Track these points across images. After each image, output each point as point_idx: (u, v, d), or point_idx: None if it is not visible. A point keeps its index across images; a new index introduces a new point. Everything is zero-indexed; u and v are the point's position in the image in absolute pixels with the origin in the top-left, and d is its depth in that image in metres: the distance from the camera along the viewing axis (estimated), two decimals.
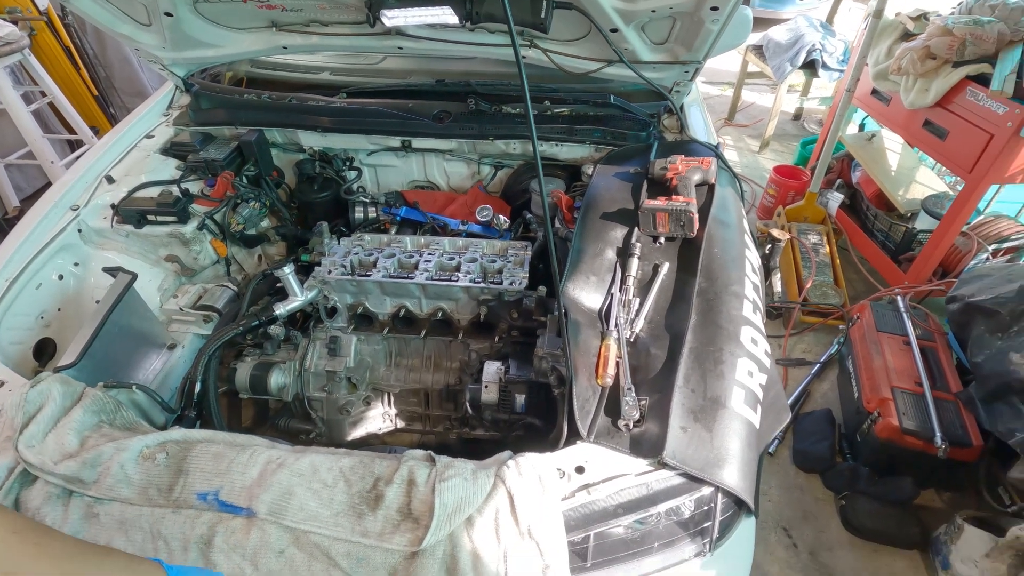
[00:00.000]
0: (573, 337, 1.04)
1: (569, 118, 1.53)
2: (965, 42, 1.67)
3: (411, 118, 1.52)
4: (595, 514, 0.89)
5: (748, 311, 1.09)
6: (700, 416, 0.94)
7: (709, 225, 1.21)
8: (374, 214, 1.55)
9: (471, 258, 1.29)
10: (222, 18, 1.37)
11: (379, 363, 1.35)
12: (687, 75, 1.41)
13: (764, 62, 3.05)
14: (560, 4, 1.16)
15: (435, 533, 0.82)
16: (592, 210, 1.30)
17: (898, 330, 1.68)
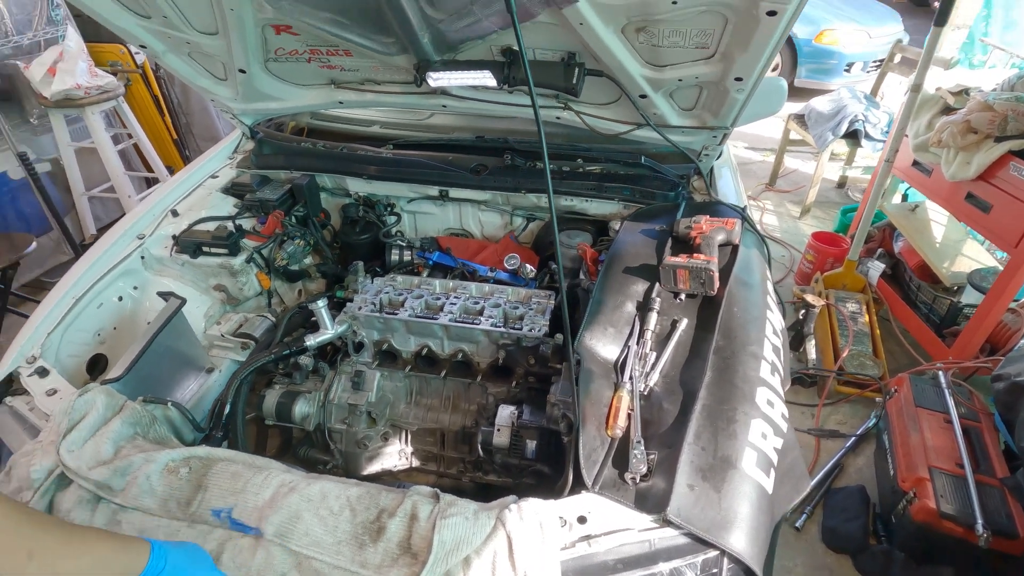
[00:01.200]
0: (585, 386, 1.05)
1: (600, 175, 1.59)
2: (1007, 118, 1.66)
3: (450, 170, 1.62)
4: (594, 567, 0.87)
5: (766, 372, 1.08)
6: (709, 475, 0.92)
7: (730, 284, 1.22)
8: (409, 257, 1.63)
9: (495, 303, 1.34)
10: (288, 75, 1.52)
11: (400, 400, 1.39)
12: (715, 140, 1.46)
13: (806, 130, 3.08)
14: (591, 72, 1.25)
15: (431, 571, 0.82)
16: (615, 264, 1.33)
17: (939, 407, 1.60)
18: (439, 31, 1.23)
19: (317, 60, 1.42)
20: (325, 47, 1.36)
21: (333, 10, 1.21)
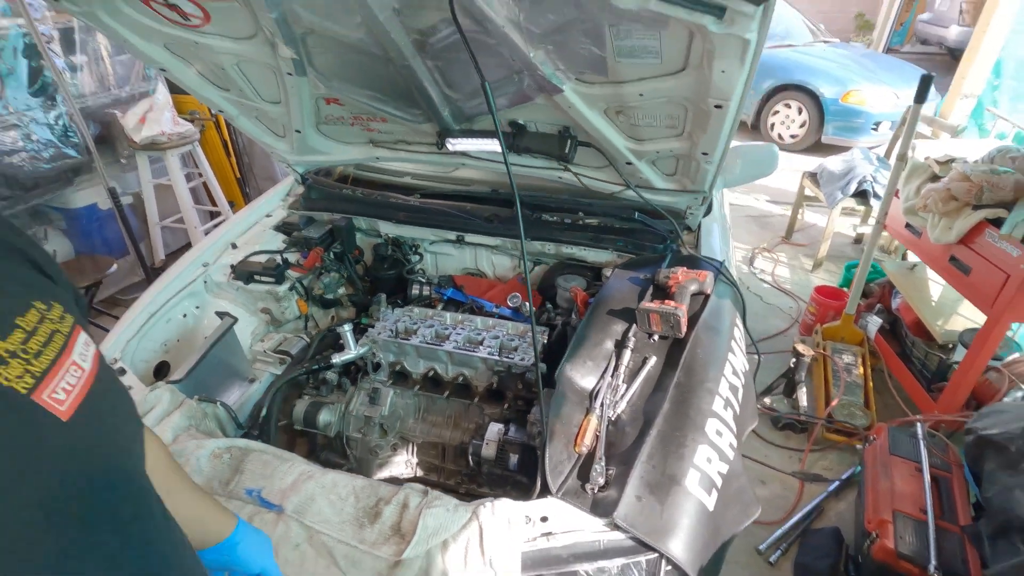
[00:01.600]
0: (558, 409, 1.24)
1: (597, 227, 1.79)
2: (983, 188, 1.80)
3: (468, 218, 1.86)
4: (550, 558, 1.05)
5: (718, 406, 1.24)
6: (655, 489, 1.08)
7: (697, 328, 1.39)
8: (427, 292, 1.86)
9: (495, 336, 1.55)
10: (335, 135, 1.81)
11: (408, 415, 1.60)
12: (697, 201, 1.65)
13: (819, 188, 3.22)
14: (582, 143, 1.47)
15: (414, 548, 1.02)
16: (601, 306, 1.52)
17: (912, 456, 1.69)
18: (457, 107, 1.49)
19: (359, 124, 1.70)
20: (366, 115, 1.64)
21: (372, 89, 1.49)
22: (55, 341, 0.39)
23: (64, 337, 0.40)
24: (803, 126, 5.35)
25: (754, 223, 3.95)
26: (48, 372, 0.38)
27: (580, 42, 1.06)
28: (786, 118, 5.44)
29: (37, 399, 0.37)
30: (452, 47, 1.21)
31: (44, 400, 0.38)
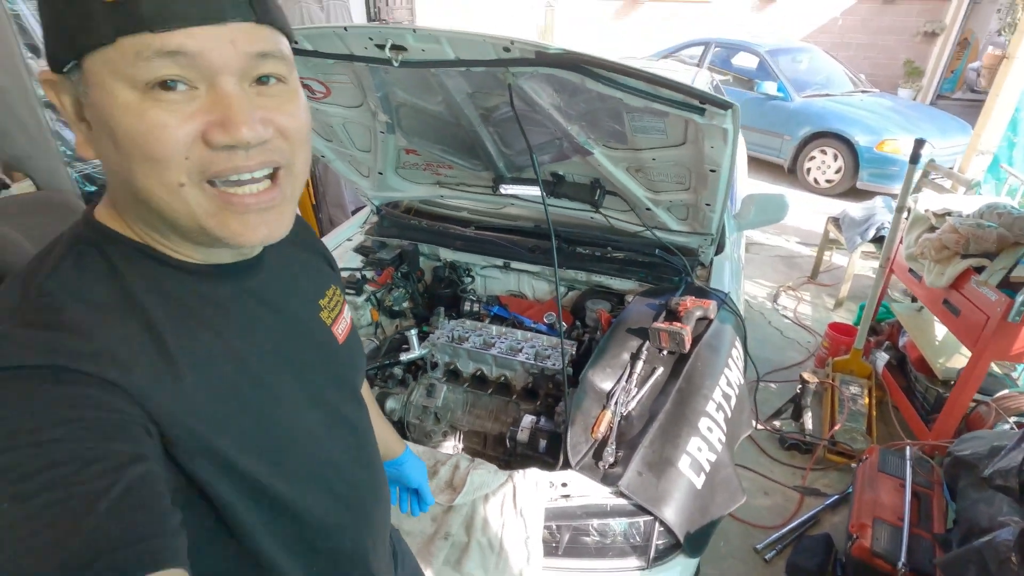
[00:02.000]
0: (580, 403, 1.55)
1: (623, 260, 2.11)
2: (968, 240, 2.03)
3: (513, 248, 2.21)
4: (567, 514, 1.35)
5: (711, 409, 1.53)
6: (653, 468, 1.38)
7: (700, 346, 1.68)
8: (477, 308, 2.22)
9: (531, 346, 1.88)
10: (409, 177, 2.22)
11: (458, 408, 1.93)
12: (707, 241, 1.95)
13: (840, 232, 3.44)
14: (609, 192, 1.82)
15: (463, 497, 1.35)
16: (621, 325, 1.83)
17: (897, 473, 1.90)
18: (509, 160, 1.86)
19: (430, 170, 2.10)
20: (436, 162, 2.04)
21: (444, 144, 1.89)
22: (338, 305, 0.73)
23: (340, 303, 0.74)
24: (838, 172, 5.54)
25: (782, 262, 4.16)
26: (336, 319, 0.71)
27: (605, 121, 1.41)
28: (822, 164, 5.64)
29: (333, 330, 0.70)
30: (509, 119, 1.58)
31: (334, 331, 0.69)
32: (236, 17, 0.43)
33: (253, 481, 0.52)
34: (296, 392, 0.61)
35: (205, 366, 0.50)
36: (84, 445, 0.38)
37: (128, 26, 0.40)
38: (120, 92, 0.42)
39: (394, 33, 1.17)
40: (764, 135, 6.07)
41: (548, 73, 1.23)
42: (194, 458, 0.47)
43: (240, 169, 0.46)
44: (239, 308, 0.56)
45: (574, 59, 1.10)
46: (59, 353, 0.41)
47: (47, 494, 0.36)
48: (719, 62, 6.60)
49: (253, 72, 0.46)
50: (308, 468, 0.61)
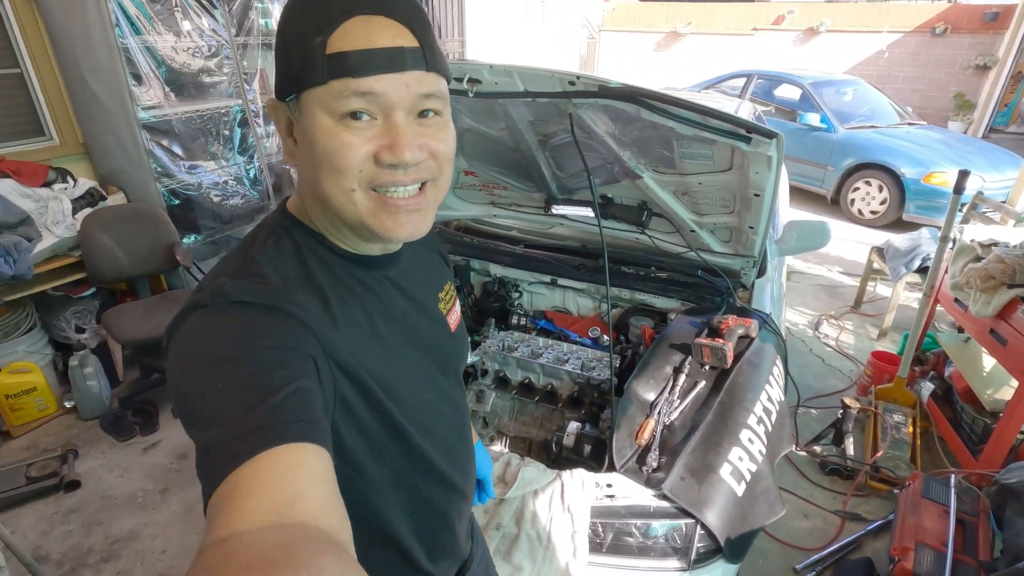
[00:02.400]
0: (624, 411, 1.64)
1: (666, 280, 2.20)
2: (1015, 270, 2.05)
3: (560, 265, 2.33)
4: (612, 513, 1.44)
5: (752, 422, 1.59)
6: (696, 473, 1.45)
7: (741, 363, 1.75)
8: (524, 322, 2.33)
9: (577, 357, 1.97)
10: (465, 197, 2.38)
11: (505, 414, 2.04)
12: (749, 264, 2.03)
13: (884, 262, 3.44)
14: (656, 214, 1.92)
15: (514, 491, 1.45)
16: (664, 340, 1.91)
17: (942, 500, 1.90)
18: (562, 182, 1.99)
19: (485, 190, 2.25)
20: (492, 184, 2.19)
21: (501, 167, 2.04)
22: (452, 298, 0.85)
23: (454, 297, 0.87)
24: (884, 203, 5.49)
25: (824, 291, 4.15)
26: (450, 310, 0.84)
27: (655, 148, 1.53)
28: (866, 195, 5.60)
29: (447, 319, 0.80)
30: (565, 145, 1.72)
31: (448, 320, 0.80)
32: (413, 67, 0.56)
33: (390, 415, 0.66)
34: (416, 366, 0.74)
35: (353, 325, 0.65)
36: (278, 355, 0.53)
37: (338, 73, 0.54)
38: (322, 119, 0.56)
39: (471, 68, 1.33)
40: (806, 165, 6.07)
41: (606, 104, 1.36)
42: (349, 382, 0.61)
43: (398, 183, 0.59)
44: (381, 290, 0.71)
45: (633, 92, 1.23)
46: (268, 297, 0.57)
47: (250, 379, 0.50)
48: (761, 93, 6.67)
49: (418, 108, 0.58)
50: (424, 425, 0.74)
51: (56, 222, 2.64)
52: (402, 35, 0.56)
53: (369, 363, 0.64)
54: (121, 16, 2.58)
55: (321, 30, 0.55)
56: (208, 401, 0.49)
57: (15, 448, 2.58)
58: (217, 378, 0.50)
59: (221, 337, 0.54)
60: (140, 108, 2.73)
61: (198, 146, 3.07)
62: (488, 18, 7.29)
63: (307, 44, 0.56)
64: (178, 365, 0.54)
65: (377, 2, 0.56)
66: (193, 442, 0.50)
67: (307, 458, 0.47)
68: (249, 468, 0.44)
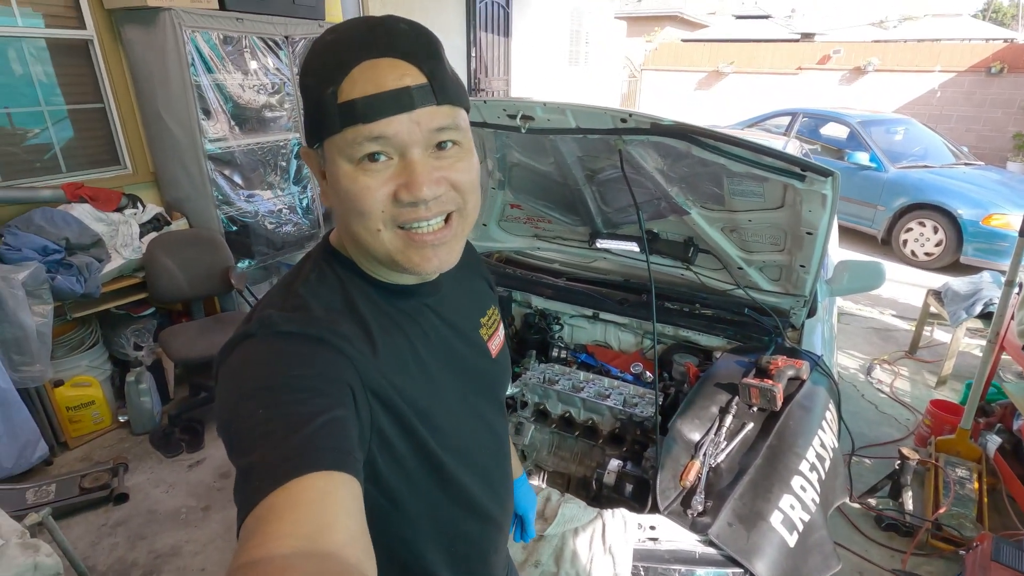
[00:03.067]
0: (669, 451, 1.60)
1: (711, 317, 2.16)
2: None
3: (603, 299, 2.32)
4: (655, 557, 1.39)
5: (804, 468, 1.53)
6: (744, 520, 1.40)
7: (791, 406, 1.69)
8: (564, 355, 2.32)
9: (619, 392, 1.94)
10: (509, 229, 2.41)
11: (544, 448, 2.01)
12: (799, 303, 1.98)
13: (942, 306, 3.29)
14: (702, 250, 1.91)
15: (554, 528, 1.42)
16: (710, 379, 1.87)
17: (1015, 564, 1.76)
18: (607, 217, 2.01)
19: (530, 223, 2.29)
20: (536, 217, 2.22)
21: (547, 200, 2.07)
22: (495, 324, 0.87)
23: (497, 323, 0.88)
24: (939, 245, 5.27)
25: (876, 335, 3.98)
26: (492, 336, 0.84)
27: (704, 184, 1.53)
28: (920, 236, 5.41)
29: (488, 345, 0.80)
30: (612, 180, 1.74)
31: (489, 346, 0.80)
32: (421, 104, 0.57)
33: (426, 446, 0.67)
34: (455, 392, 0.75)
35: (393, 353, 0.66)
36: (317, 383, 0.55)
37: (349, 120, 0.56)
38: (342, 164, 0.59)
39: (525, 106, 1.38)
40: (855, 204, 5.92)
41: (657, 141, 1.38)
42: (385, 411, 0.62)
43: (421, 218, 0.60)
44: (421, 318, 0.72)
45: (685, 129, 1.24)
46: (310, 328, 0.59)
47: (289, 406, 0.52)
48: (806, 132, 6.59)
49: (433, 141, 0.59)
50: (463, 454, 0.74)
51: (124, 244, 2.80)
52: (409, 73, 0.57)
53: (407, 390, 0.65)
54: (197, 56, 2.78)
55: (333, 80, 0.57)
56: (248, 428, 0.51)
57: (71, 459, 2.69)
58: (258, 405, 0.52)
59: (264, 365, 0.56)
60: (207, 140, 2.91)
61: (256, 176, 3.24)
62: (533, 58, 7.51)
63: (322, 95, 0.58)
64: (224, 391, 0.57)
65: (383, 44, 0.58)
66: (234, 467, 0.52)
67: (339, 488, 0.48)
68: (283, 494, 0.45)
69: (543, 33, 7.68)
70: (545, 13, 7.63)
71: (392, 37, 0.58)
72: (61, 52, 2.86)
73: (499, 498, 0.84)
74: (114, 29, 2.94)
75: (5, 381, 2.35)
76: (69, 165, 2.96)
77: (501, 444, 0.86)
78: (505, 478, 0.87)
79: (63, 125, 2.94)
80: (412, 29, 0.60)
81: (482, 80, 6.43)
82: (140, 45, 2.87)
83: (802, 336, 2.10)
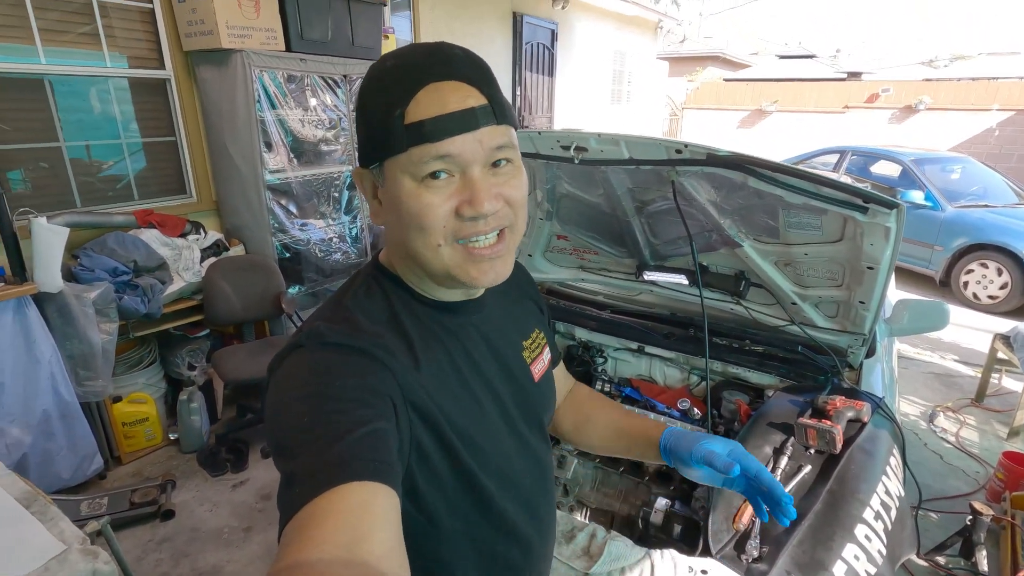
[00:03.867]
0: (720, 492, 1.53)
1: (762, 354, 2.10)
2: None
3: (648, 333, 2.29)
4: None
5: (869, 516, 1.44)
6: (803, 569, 1.32)
7: (853, 449, 1.61)
8: (608, 388, 2.28)
9: None
10: (554, 260, 2.42)
11: (587, 483, 1.96)
12: (857, 342, 1.89)
13: (1012, 352, 3.09)
14: (754, 284, 1.86)
15: (600, 567, 1.37)
16: (762, 418, 1.80)
17: None
18: (655, 249, 1.99)
19: (576, 254, 2.29)
20: (583, 248, 2.23)
21: (595, 232, 2.08)
22: (539, 346, 0.87)
23: (542, 345, 0.87)
24: (1004, 288, 5.00)
25: (938, 381, 3.77)
26: (535, 358, 0.84)
27: (759, 216, 1.51)
28: (982, 278, 5.14)
29: (531, 368, 0.80)
30: (662, 212, 1.74)
31: (532, 369, 0.80)
32: (484, 123, 0.60)
33: (465, 465, 0.67)
34: (496, 412, 0.75)
35: (435, 368, 0.67)
36: (361, 394, 0.56)
37: (415, 140, 0.59)
38: (405, 182, 0.61)
39: (579, 137, 1.40)
40: (910, 244, 5.70)
41: (711, 172, 1.37)
42: (425, 425, 0.63)
43: (480, 232, 0.62)
44: (463, 335, 0.73)
45: (742, 160, 1.24)
46: (356, 340, 0.61)
47: (333, 415, 0.54)
48: (856, 170, 6.44)
49: (491, 159, 0.62)
50: (503, 477, 0.73)
51: (186, 268, 2.95)
52: (471, 95, 0.60)
53: (447, 407, 0.66)
54: (263, 93, 2.96)
55: (399, 102, 0.59)
56: (293, 434, 0.53)
57: (123, 473, 2.78)
58: (303, 412, 0.54)
59: (311, 374, 0.58)
60: (267, 171, 3.07)
61: (310, 206, 3.38)
62: (576, 96, 7.67)
63: (387, 116, 0.60)
64: (273, 398, 0.59)
65: (445, 69, 0.61)
66: (279, 472, 0.53)
67: (378, 499, 0.49)
68: (323, 501, 0.47)
69: (586, 73, 7.86)
70: (589, 54, 7.82)
71: (451, 61, 0.62)
72: (141, 90, 3.09)
73: (542, 525, 0.82)
74: (190, 69, 3.17)
75: (70, 395, 2.47)
76: (141, 193, 3.16)
77: (544, 470, 0.84)
78: (549, 505, 0.85)
79: (138, 156, 3.16)
80: (466, 55, 0.64)
81: (526, 118, 6.59)
82: (212, 83, 3.08)
83: (861, 376, 2.00)
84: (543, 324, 0.92)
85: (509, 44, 6.22)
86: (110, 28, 2.90)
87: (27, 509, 1.26)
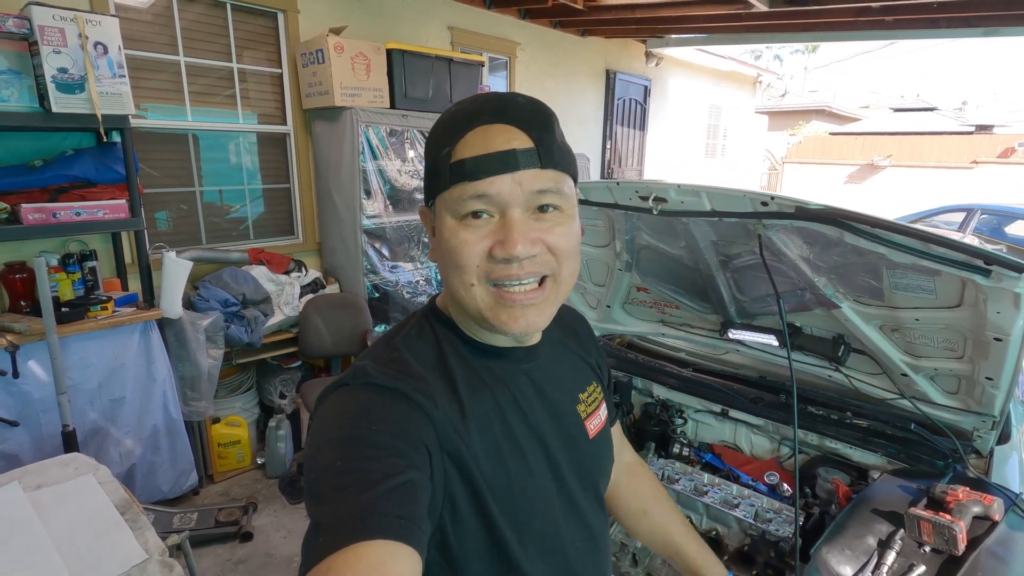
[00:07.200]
0: None
1: (866, 429, 1.87)
2: None
3: (733, 395, 2.13)
4: None
5: None
6: None
7: (979, 552, 1.37)
8: (687, 452, 2.13)
9: (750, 503, 1.72)
10: (634, 312, 2.36)
11: (657, 556, 1.81)
12: (986, 424, 1.64)
13: None
14: (855, 350, 1.69)
15: None
16: (865, 503, 1.59)
17: None
18: (741, 306, 1.88)
19: (656, 308, 2.22)
20: (663, 301, 2.15)
21: (676, 285, 2.00)
22: (596, 402, 0.82)
23: (599, 401, 0.83)
24: None
25: None
26: (591, 414, 0.80)
27: (859, 275, 1.38)
28: None
29: (586, 424, 0.77)
30: (748, 267, 1.64)
31: (587, 425, 0.76)
32: (526, 166, 0.60)
33: (495, 524, 0.63)
34: (545, 470, 0.70)
35: (481, 418, 0.65)
36: (395, 441, 0.56)
37: (457, 178, 0.60)
38: (448, 220, 0.62)
39: (658, 188, 1.38)
40: None
41: (802, 226, 1.29)
42: (460, 476, 0.61)
43: (513, 276, 0.61)
44: (514, 383, 0.71)
45: (835, 214, 1.15)
46: (400, 382, 0.61)
47: (362, 462, 0.53)
48: (987, 230, 5.79)
49: (534, 203, 0.61)
50: (542, 542, 0.68)
51: (286, 303, 3.19)
52: (517, 137, 0.61)
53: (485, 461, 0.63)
54: (367, 146, 3.23)
55: (448, 142, 0.62)
56: (325, 478, 0.53)
57: (213, 492, 2.97)
58: (336, 456, 0.54)
59: (349, 415, 0.58)
60: (365, 216, 3.30)
61: (401, 250, 3.57)
62: (668, 150, 7.63)
63: (438, 155, 0.62)
64: (312, 436, 0.60)
65: (496, 112, 0.62)
66: (307, 514, 0.53)
67: (398, 560, 0.48)
68: (342, 557, 0.46)
69: (679, 126, 7.82)
70: (682, 108, 7.79)
71: (506, 106, 0.63)
72: (265, 143, 3.49)
73: None
74: (306, 124, 3.54)
75: (177, 413, 2.71)
76: (256, 233, 3.51)
77: (595, 539, 0.77)
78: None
79: (257, 201, 3.53)
80: (528, 102, 0.65)
81: (615, 170, 6.63)
82: (324, 137, 3.41)
83: (991, 466, 1.72)
84: (602, 380, 0.87)
85: (601, 100, 6.36)
86: (245, 91, 3.33)
87: (122, 515, 1.37)
